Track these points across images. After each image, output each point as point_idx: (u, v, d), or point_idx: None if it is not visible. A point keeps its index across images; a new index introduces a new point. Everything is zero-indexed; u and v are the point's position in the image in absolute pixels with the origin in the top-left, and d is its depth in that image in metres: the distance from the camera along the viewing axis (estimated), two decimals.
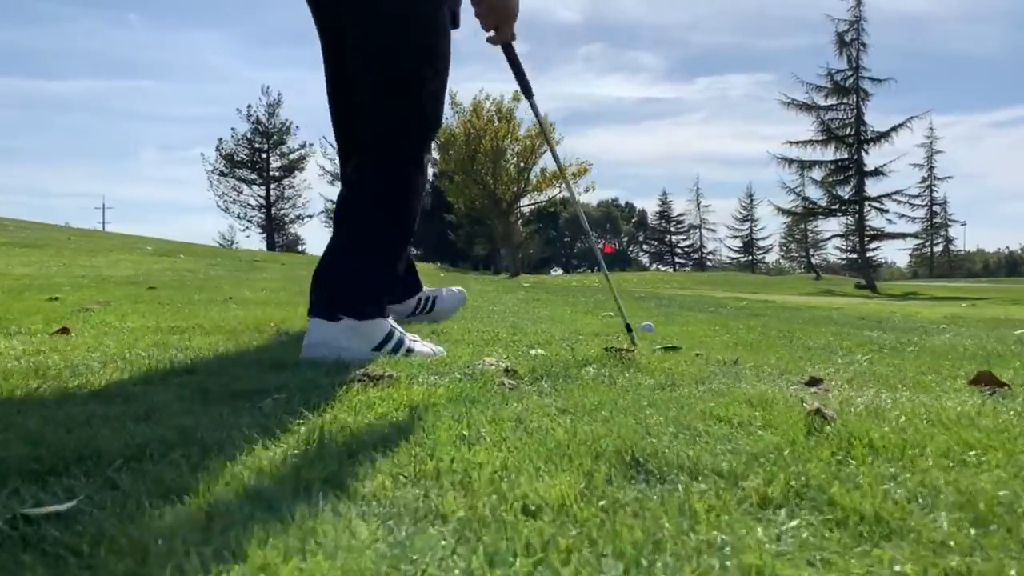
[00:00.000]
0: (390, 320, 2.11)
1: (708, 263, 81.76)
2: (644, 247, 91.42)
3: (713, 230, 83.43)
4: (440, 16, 2.10)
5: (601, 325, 3.37)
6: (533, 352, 2.17)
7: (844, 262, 66.61)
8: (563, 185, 34.56)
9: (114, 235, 19.62)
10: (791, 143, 34.28)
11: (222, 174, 49.34)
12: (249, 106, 49.79)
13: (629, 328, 2.50)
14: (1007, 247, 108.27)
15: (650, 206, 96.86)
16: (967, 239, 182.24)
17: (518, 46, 2.34)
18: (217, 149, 49.10)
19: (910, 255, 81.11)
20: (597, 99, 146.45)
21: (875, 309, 6.96)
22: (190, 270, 8.00)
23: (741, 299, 7.74)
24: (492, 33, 2.31)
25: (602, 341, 2.54)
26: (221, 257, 12.48)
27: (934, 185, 62.27)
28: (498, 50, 2.33)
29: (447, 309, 3.04)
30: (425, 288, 3.02)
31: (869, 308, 7.27)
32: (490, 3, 2.24)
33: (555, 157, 3.02)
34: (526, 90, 2.45)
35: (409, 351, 2.06)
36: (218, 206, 49.37)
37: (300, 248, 52.91)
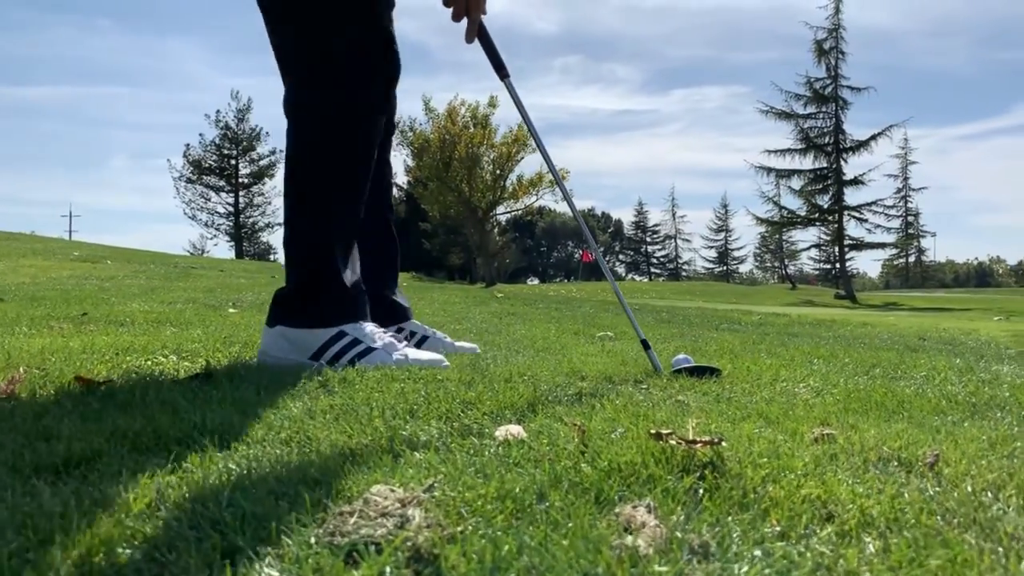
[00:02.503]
0: (358, 324, 1.91)
1: (683, 273, 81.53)
2: (620, 257, 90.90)
3: (688, 240, 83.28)
4: None
5: (608, 357, 2.31)
6: (498, 438, 1.11)
7: (818, 272, 66.51)
8: (540, 193, 33.65)
9: (46, 239, 18.17)
10: (769, 152, 33.75)
11: (189, 181, 47.98)
12: (218, 111, 48.43)
13: (646, 345, 2.07)
14: (976, 258, 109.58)
15: (626, 216, 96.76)
16: (937, 250, 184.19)
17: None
18: (184, 155, 47.74)
19: (882, 265, 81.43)
20: (574, 111, 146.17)
21: (915, 325, 5.99)
22: (102, 278, 6.86)
23: (750, 312, 6.72)
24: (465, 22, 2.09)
25: (626, 400, 1.49)
26: (156, 264, 11.28)
27: (908, 196, 62.22)
28: (472, 50, 2.15)
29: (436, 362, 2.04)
30: (416, 323, 2.44)
31: (903, 323, 6.30)
32: None
33: (536, 139, 2.10)
34: (500, 68, 2.16)
35: (360, 357, 1.85)
36: (185, 214, 48.05)
37: (271, 257, 51.54)
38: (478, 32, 2.13)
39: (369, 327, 1.95)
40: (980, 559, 0.71)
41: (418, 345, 2.28)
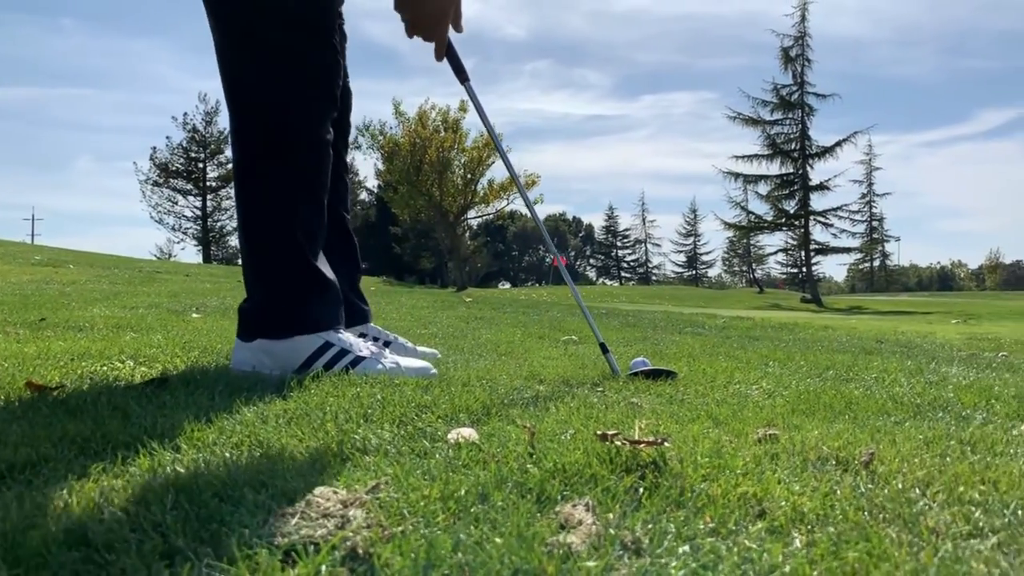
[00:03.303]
0: (339, 332, 1.87)
1: (653, 277, 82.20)
2: (591, 261, 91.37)
3: (658, 245, 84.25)
4: None
5: (568, 361, 2.34)
6: (450, 441, 1.13)
7: (785, 276, 67.41)
8: (511, 197, 33.69)
9: (6, 243, 17.77)
10: (737, 157, 34.17)
11: (156, 184, 47.39)
12: (185, 114, 48.03)
13: (605, 349, 2.12)
14: (938, 262, 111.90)
15: (597, 221, 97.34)
16: (901, 254, 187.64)
17: (465, 62, 2.14)
18: (151, 158, 47.13)
19: (848, 269, 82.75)
20: (544, 115, 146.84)
21: (875, 328, 6.10)
22: (63, 282, 6.75)
23: (715, 316, 6.80)
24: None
25: (580, 403, 1.52)
26: (120, 268, 11.11)
27: (873, 201, 63.34)
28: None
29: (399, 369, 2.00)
30: (377, 327, 2.44)
31: (863, 326, 6.42)
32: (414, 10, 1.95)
33: (495, 142, 2.13)
34: (460, 72, 2.15)
35: (351, 366, 1.81)
36: (151, 217, 47.44)
37: (239, 261, 50.94)
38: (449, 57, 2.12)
39: (348, 334, 1.91)
40: (897, 552, 0.74)
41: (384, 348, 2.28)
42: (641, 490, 0.91)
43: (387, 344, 2.35)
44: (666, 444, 1.06)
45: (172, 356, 2.04)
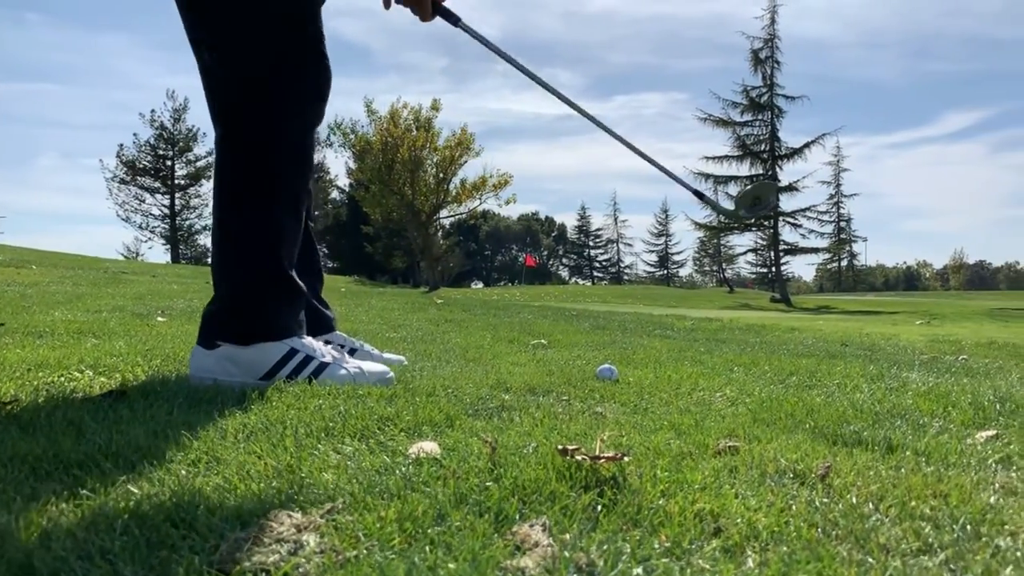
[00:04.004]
0: (301, 338, 1.85)
1: (625, 277, 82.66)
2: (564, 261, 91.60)
3: (630, 244, 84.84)
4: None
5: (536, 367, 2.34)
6: (411, 456, 1.12)
7: (755, 276, 68.21)
8: (483, 197, 33.61)
9: None
10: (708, 158, 34.49)
11: (123, 182, 46.61)
12: (153, 111, 47.16)
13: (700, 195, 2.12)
14: (904, 262, 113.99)
15: (569, 220, 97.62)
16: (868, 254, 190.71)
17: (438, 61, 2.04)
18: (118, 155, 46.35)
19: (816, 269, 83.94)
20: (516, 115, 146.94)
21: (842, 330, 6.19)
22: (25, 284, 6.61)
23: (684, 318, 6.86)
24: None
25: (545, 413, 1.52)
26: (85, 269, 10.91)
27: (841, 202, 64.26)
28: (415, 53, 1.95)
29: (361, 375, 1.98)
30: (342, 334, 2.42)
31: (830, 328, 6.51)
32: None
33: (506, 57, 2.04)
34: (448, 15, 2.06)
35: (315, 375, 1.80)
36: (118, 216, 46.65)
37: (208, 260, 50.26)
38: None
39: (310, 340, 1.90)
40: (847, 571, 0.75)
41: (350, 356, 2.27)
42: (599, 507, 0.92)
43: (353, 351, 2.33)
44: (626, 459, 1.07)
45: (133, 365, 2.01)
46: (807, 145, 33.28)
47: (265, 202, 1.82)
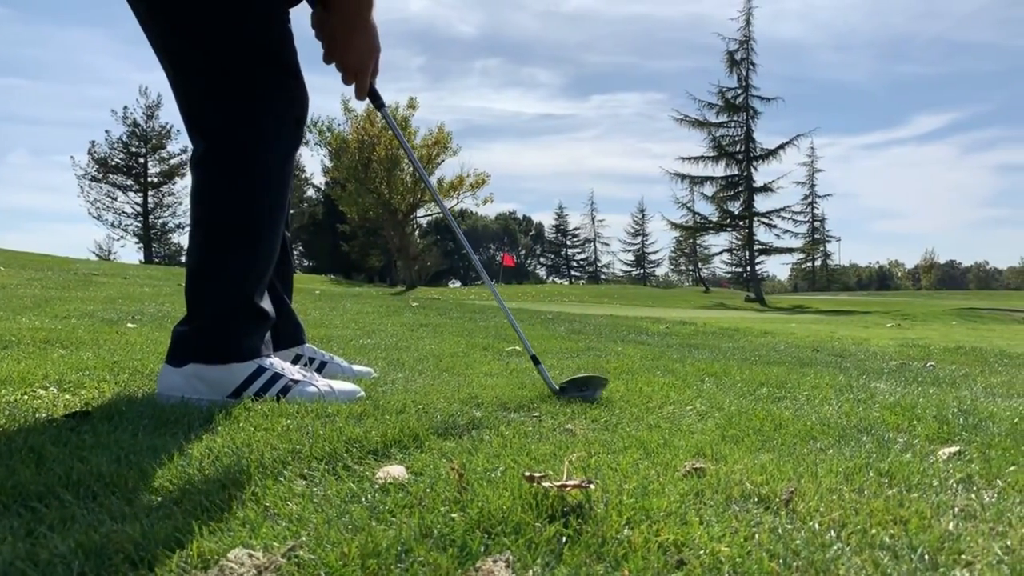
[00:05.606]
0: (269, 358, 1.85)
1: (603, 276, 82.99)
2: (541, 260, 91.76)
3: (607, 244, 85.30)
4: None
5: (508, 379, 2.35)
6: (378, 482, 1.12)
7: (730, 276, 68.80)
8: (461, 196, 33.56)
9: None
10: (683, 159, 34.75)
11: (95, 179, 45.93)
12: (126, 107, 46.57)
13: (536, 361, 2.13)
14: (877, 262, 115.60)
15: (547, 219, 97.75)
16: (841, 254, 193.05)
17: (415, 59, 2.09)
18: (89, 152, 45.66)
19: (791, 269, 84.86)
20: (495, 113, 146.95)
21: (814, 333, 6.26)
22: None
23: (659, 321, 6.90)
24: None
25: (515, 432, 1.52)
26: (54, 270, 10.73)
27: (815, 202, 65.01)
28: (390, 52, 1.97)
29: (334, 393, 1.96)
30: (312, 347, 2.39)
31: (802, 331, 6.58)
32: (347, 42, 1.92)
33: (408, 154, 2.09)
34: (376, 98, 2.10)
35: (283, 393, 1.80)
36: (90, 214, 45.95)
37: (182, 259, 49.73)
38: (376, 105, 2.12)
39: (278, 360, 1.90)
40: None
41: (316, 372, 2.25)
42: (564, 539, 0.92)
43: (323, 364, 2.32)
44: (591, 487, 1.07)
45: (99, 380, 1.98)
46: (782, 146, 33.66)
47: (244, 240, 1.80)
